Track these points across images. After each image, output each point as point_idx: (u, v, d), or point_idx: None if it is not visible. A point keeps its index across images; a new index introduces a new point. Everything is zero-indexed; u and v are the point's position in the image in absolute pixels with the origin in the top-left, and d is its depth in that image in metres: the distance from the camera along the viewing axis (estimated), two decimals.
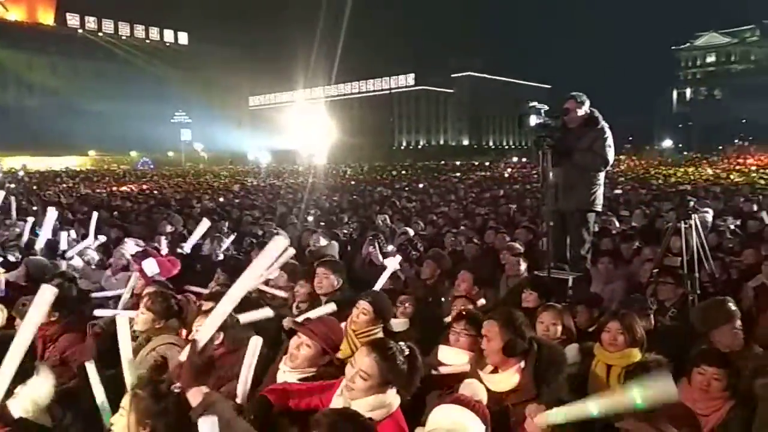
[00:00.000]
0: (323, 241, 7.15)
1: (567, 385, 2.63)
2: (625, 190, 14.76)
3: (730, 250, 6.27)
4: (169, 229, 8.82)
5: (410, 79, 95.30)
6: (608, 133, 5.17)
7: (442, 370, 3.03)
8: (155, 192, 20.37)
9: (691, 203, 4.73)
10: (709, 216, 8.37)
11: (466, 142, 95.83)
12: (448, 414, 2.17)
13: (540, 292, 4.21)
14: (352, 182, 24.13)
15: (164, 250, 5.85)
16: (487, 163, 45.31)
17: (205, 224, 6.49)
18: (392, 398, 2.33)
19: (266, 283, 4.66)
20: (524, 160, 49.67)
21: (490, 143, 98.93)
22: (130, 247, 5.86)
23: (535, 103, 4.99)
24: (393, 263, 5.19)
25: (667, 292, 4.37)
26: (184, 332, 3.53)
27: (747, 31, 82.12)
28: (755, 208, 9.62)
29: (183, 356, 2.06)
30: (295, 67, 72.99)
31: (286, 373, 2.74)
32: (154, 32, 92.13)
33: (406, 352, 2.35)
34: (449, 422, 2.14)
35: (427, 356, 3.36)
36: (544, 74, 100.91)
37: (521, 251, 5.61)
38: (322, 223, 9.67)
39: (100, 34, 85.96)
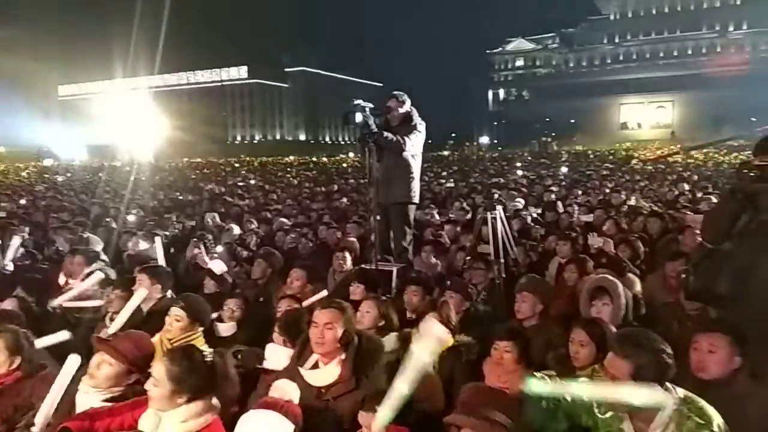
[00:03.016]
0: (143, 244, 6.61)
1: (385, 374, 2.70)
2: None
3: (533, 237, 7.00)
4: None
5: (243, 71, 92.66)
6: (420, 129, 5.50)
7: (266, 365, 2.98)
8: None
9: (496, 195, 5.19)
10: (521, 205, 9.32)
11: (303, 138, 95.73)
12: (255, 419, 2.15)
13: (366, 285, 4.33)
14: (179, 180, 22.74)
15: None
16: (324, 159, 45.58)
17: None
18: (206, 408, 2.24)
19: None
20: (359, 155, 50.91)
21: (327, 139, 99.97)
22: None
23: (360, 101, 5.12)
24: (218, 265, 5.01)
25: (479, 277, 4.76)
26: None
27: (549, 39, 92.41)
28: (553, 197, 10.88)
29: None
30: (112, 54, 66.67)
31: (88, 394, 2.50)
32: None
33: (209, 358, 2.28)
34: (256, 427, 2.11)
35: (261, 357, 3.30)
36: (376, 73, 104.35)
37: (346, 246, 5.74)
38: (151, 223, 8.98)
39: None
